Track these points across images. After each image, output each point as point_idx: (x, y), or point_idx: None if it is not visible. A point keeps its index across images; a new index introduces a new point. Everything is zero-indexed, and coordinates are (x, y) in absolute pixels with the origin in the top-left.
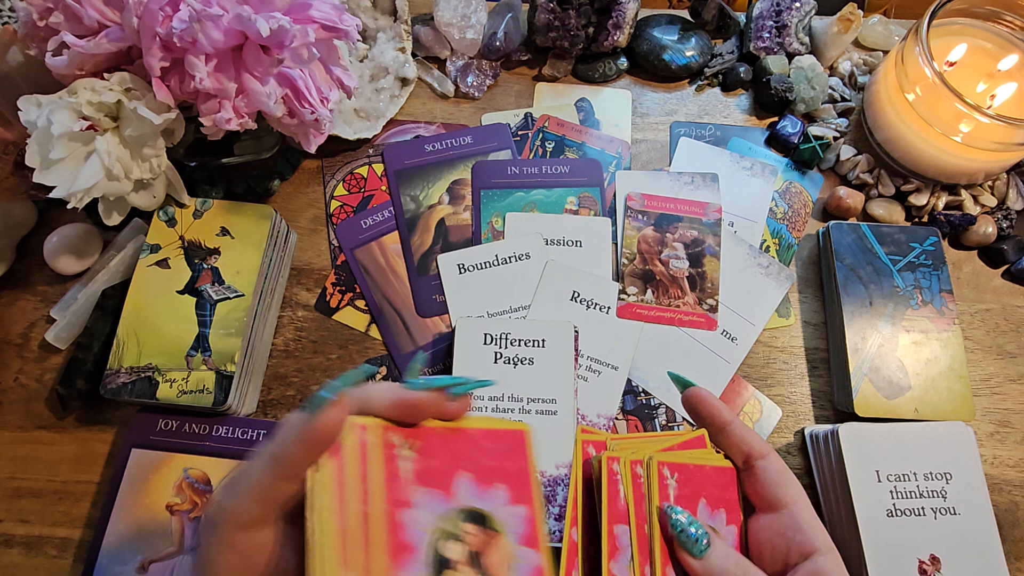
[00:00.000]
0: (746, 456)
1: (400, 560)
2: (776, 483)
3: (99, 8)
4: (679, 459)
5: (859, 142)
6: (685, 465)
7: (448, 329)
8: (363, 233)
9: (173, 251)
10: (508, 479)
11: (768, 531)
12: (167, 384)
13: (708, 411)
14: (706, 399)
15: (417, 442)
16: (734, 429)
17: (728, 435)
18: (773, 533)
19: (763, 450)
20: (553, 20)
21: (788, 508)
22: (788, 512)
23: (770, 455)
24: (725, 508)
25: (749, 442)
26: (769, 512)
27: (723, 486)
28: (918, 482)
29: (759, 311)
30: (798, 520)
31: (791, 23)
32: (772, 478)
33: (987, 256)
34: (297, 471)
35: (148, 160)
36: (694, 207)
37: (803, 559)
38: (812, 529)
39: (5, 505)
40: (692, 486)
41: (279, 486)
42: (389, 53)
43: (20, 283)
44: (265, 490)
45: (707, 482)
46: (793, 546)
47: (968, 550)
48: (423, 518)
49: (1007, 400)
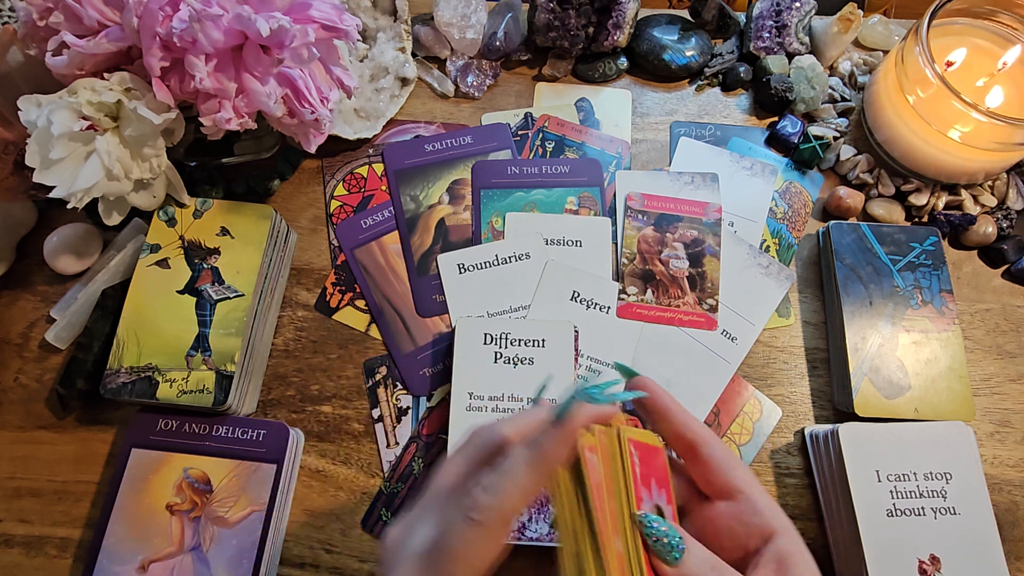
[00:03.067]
0: (689, 444)
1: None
2: (726, 468)
3: (99, 8)
4: (638, 437)
5: (859, 142)
6: (642, 443)
7: (448, 329)
8: (363, 233)
9: (173, 251)
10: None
11: (725, 518)
12: (167, 384)
13: (651, 401)
14: (649, 386)
15: (637, 451)
16: (676, 416)
17: (671, 423)
18: (731, 519)
19: (706, 437)
20: (553, 20)
21: (743, 492)
22: (744, 496)
23: (713, 441)
24: (665, 489)
25: (693, 429)
26: (723, 499)
27: (662, 466)
28: (918, 482)
29: (759, 311)
30: (754, 503)
31: (791, 23)
32: (721, 463)
33: (987, 256)
34: (555, 470)
35: (148, 160)
36: (694, 207)
37: (763, 542)
38: (769, 511)
39: (5, 505)
40: (648, 465)
41: (541, 483)
42: (389, 53)
43: (20, 283)
44: (532, 488)
45: (652, 462)
46: (752, 530)
47: (968, 550)
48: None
49: (1007, 400)
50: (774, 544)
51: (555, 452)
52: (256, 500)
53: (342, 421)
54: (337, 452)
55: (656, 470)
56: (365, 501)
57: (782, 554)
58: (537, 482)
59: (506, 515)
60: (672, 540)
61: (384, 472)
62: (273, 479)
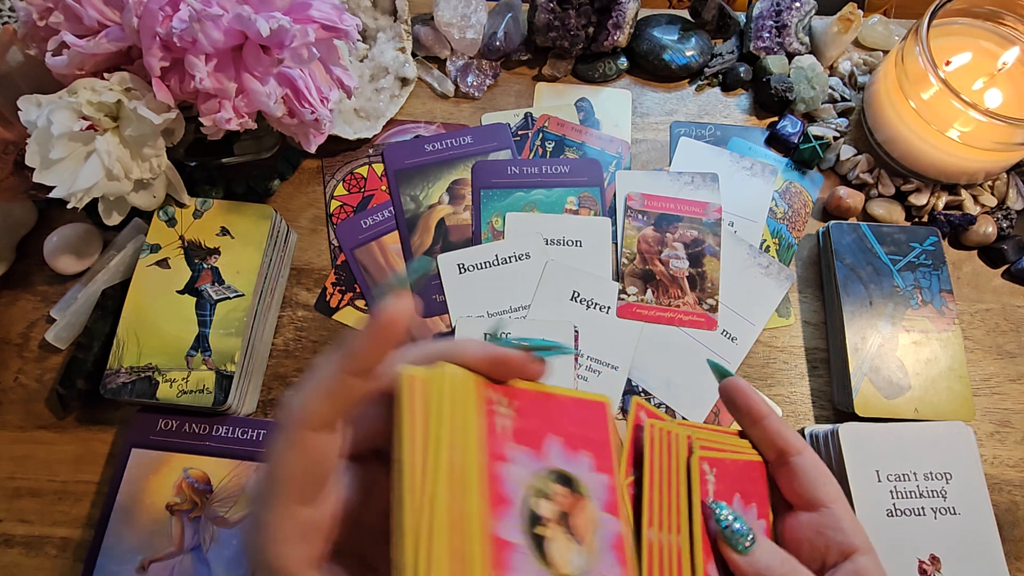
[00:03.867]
0: (780, 451)
1: (499, 511)
2: (814, 481)
3: (99, 8)
4: (717, 454)
5: (859, 142)
6: (722, 460)
7: (448, 329)
8: (363, 233)
9: (173, 251)
10: (592, 447)
11: (806, 529)
12: (167, 384)
13: (745, 402)
14: (744, 389)
15: (515, 402)
16: (770, 423)
17: (764, 429)
18: (811, 531)
19: (798, 446)
20: (553, 20)
21: (827, 507)
22: (828, 511)
23: (805, 451)
24: (756, 503)
25: (785, 437)
26: (807, 510)
27: (754, 480)
28: (918, 482)
29: (759, 311)
30: (838, 519)
31: (791, 23)
32: (810, 475)
33: (987, 256)
34: (365, 364)
35: (148, 160)
36: (694, 207)
37: (842, 558)
38: (852, 529)
39: (5, 505)
40: (728, 481)
41: (347, 381)
42: (389, 53)
43: (20, 283)
44: (333, 385)
45: (741, 476)
46: (832, 545)
47: (968, 550)
48: (519, 474)
49: (1007, 400)
50: (853, 562)
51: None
52: None
53: None
54: None
55: (743, 484)
56: None
57: (860, 572)
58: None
59: (303, 417)
60: (743, 529)
61: None
62: None
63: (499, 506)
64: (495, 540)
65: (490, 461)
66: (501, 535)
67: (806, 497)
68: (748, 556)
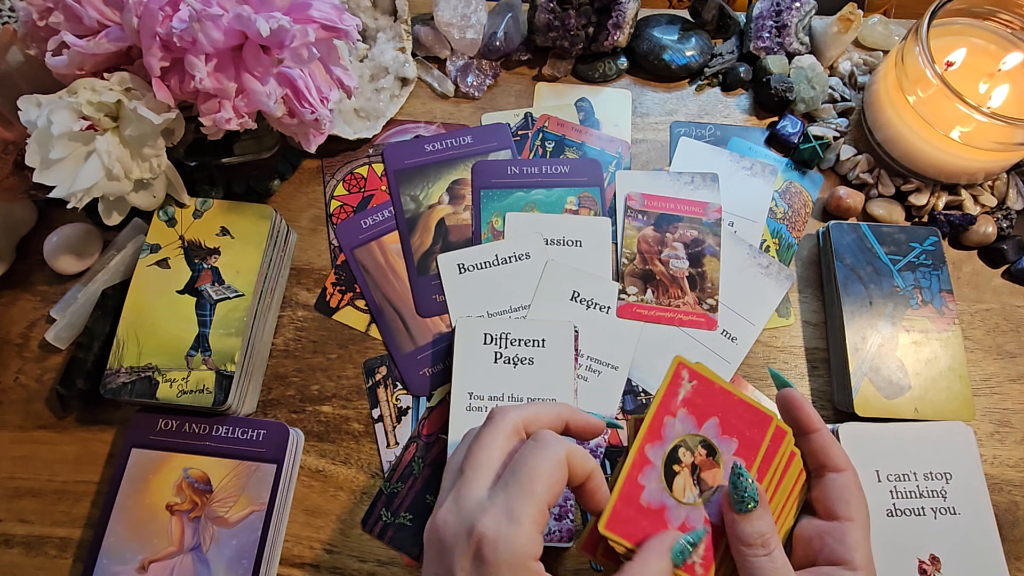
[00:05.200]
0: (823, 465)
1: (653, 442)
2: (839, 498)
3: (99, 8)
4: (708, 375)
5: (859, 142)
6: (710, 381)
7: (448, 329)
8: (363, 233)
9: (173, 251)
10: (742, 440)
11: (811, 530)
12: (167, 384)
13: (798, 414)
14: (798, 402)
15: (698, 385)
16: (817, 438)
17: (812, 441)
18: (814, 534)
19: (840, 464)
20: (553, 20)
21: (842, 521)
22: (840, 524)
23: (846, 471)
24: (740, 442)
25: (828, 454)
26: (824, 519)
27: (751, 424)
28: (918, 482)
29: (759, 311)
30: (845, 533)
31: (791, 23)
32: (836, 492)
33: (987, 256)
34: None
35: (148, 160)
36: (694, 207)
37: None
38: (856, 547)
39: (5, 505)
40: (707, 401)
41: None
42: (389, 53)
43: (20, 283)
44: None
45: (730, 410)
46: (826, 551)
47: (968, 550)
48: (677, 427)
49: (1007, 400)
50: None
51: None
52: (256, 500)
53: (342, 421)
54: (337, 452)
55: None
56: (365, 501)
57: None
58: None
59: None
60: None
61: (384, 472)
62: (273, 479)
63: (655, 440)
64: (641, 453)
65: (660, 410)
66: (647, 453)
67: (830, 509)
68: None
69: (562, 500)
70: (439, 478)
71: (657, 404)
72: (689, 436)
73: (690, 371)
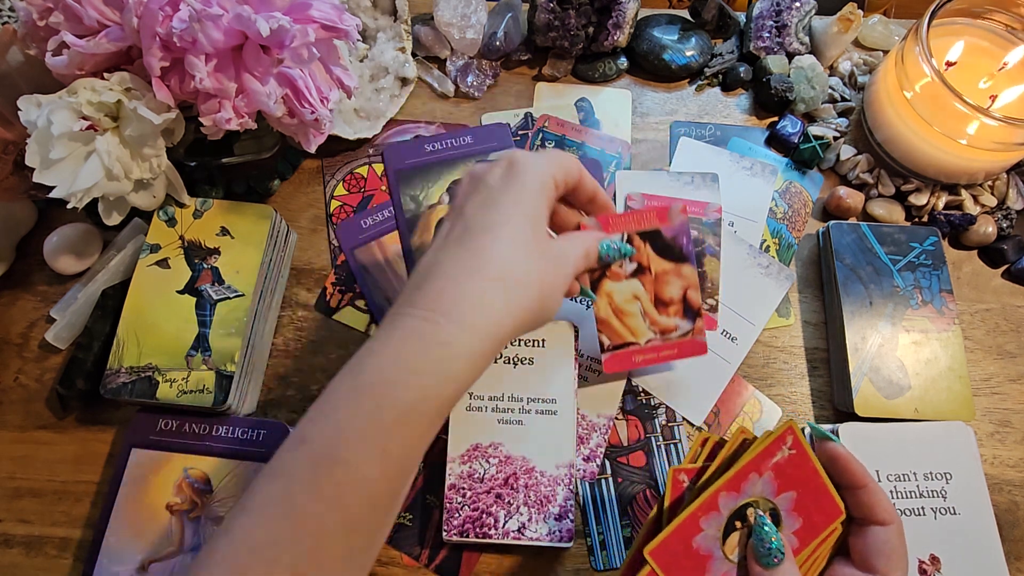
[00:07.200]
0: (866, 517)
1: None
2: (879, 552)
3: (99, 8)
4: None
5: (859, 142)
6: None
7: None
8: (363, 233)
9: (173, 251)
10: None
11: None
12: (167, 384)
13: (843, 469)
14: (844, 459)
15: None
16: (864, 494)
17: (857, 496)
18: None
19: (886, 519)
20: (553, 20)
21: (878, 575)
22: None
23: (891, 526)
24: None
25: (875, 509)
26: (859, 569)
27: (821, 510)
28: (918, 482)
29: (759, 311)
30: None
31: (791, 23)
32: (878, 546)
33: (987, 256)
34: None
35: (148, 160)
36: (694, 207)
37: None
38: None
39: (5, 505)
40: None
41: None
42: (389, 53)
43: (20, 283)
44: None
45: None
46: None
47: (968, 550)
48: (757, 487)
49: (1007, 400)
50: None
51: None
52: None
53: None
54: None
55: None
56: None
57: None
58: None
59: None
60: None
61: None
62: None
63: (732, 491)
64: (714, 497)
65: (750, 465)
66: (719, 501)
67: (868, 562)
68: (771, 572)
69: (562, 500)
70: (439, 478)
71: (750, 458)
72: (763, 499)
73: (795, 439)
